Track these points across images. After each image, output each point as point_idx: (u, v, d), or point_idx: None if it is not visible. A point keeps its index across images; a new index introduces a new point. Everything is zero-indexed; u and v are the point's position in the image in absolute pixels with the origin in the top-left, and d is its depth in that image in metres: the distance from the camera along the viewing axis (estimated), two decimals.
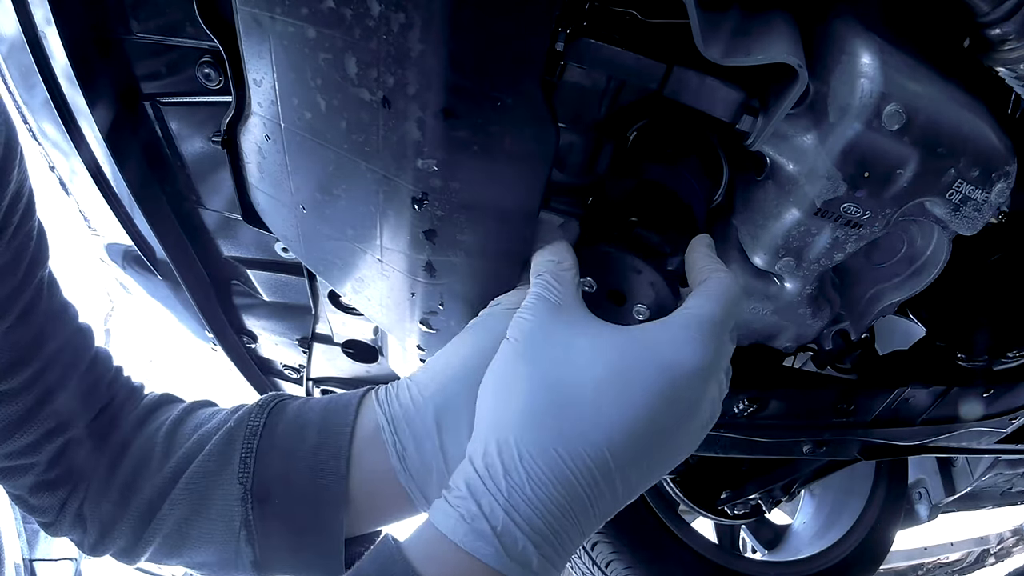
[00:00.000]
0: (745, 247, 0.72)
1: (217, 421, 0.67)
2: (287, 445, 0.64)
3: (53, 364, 0.63)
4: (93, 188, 0.86)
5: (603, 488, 0.49)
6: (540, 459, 0.48)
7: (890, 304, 0.79)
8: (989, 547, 3.78)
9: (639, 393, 0.49)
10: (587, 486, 0.48)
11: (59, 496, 0.65)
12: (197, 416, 0.70)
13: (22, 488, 0.65)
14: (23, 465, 0.63)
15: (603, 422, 0.49)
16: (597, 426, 0.49)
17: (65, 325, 0.66)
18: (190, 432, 0.67)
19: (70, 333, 0.66)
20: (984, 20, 0.55)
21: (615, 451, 0.49)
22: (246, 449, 0.63)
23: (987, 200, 0.64)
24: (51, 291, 0.64)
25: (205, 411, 0.71)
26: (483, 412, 0.53)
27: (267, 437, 0.64)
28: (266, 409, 0.66)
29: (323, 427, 0.64)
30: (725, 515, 1.71)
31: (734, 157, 0.69)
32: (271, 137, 0.60)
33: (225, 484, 0.63)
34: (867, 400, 1.03)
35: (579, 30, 0.56)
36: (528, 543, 0.47)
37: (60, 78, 0.72)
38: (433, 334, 0.72)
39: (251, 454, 0.63)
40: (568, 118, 0.68)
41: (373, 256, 0.64)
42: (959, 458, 2.32)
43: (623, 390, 0.50)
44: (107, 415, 0.69)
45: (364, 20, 0.46)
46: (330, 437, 0.63)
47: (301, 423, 0.65)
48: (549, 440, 0.48)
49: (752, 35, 0.55)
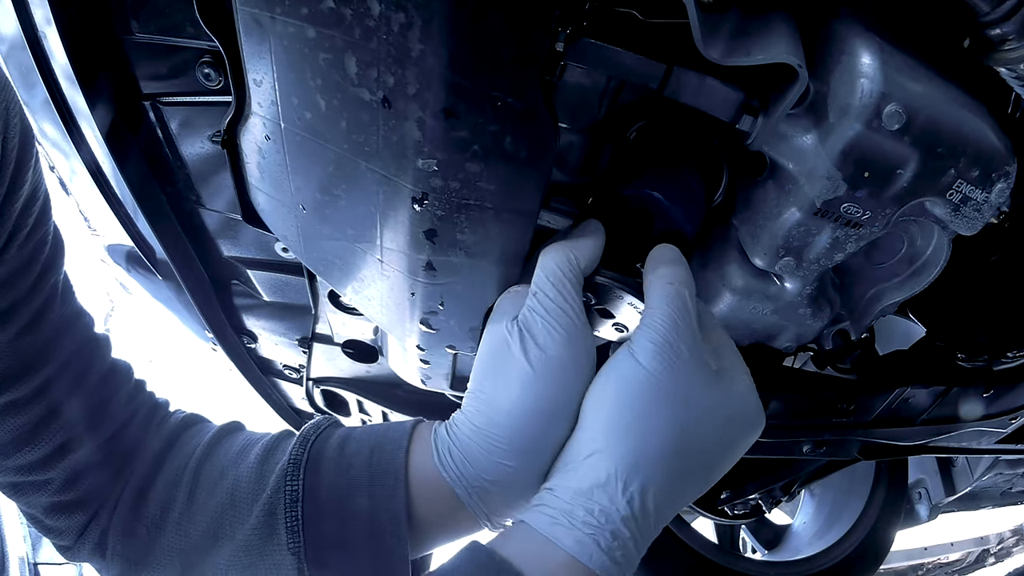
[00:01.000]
0: (745, 247, 0.72)
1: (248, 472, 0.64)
2: (336, 510, 0.62)
3: (63, 374, 0.61)
4: (93, 188, 0.86)
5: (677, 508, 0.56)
6: (674, 506, 0.54)
7: (890, 304, 0.79)
8: (989, 547, 3.78)
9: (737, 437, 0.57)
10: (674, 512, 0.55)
11: (77, 520, 0.63)
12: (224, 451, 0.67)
13: (37, 507, 0.63)
14: (36, 482, 0.62)
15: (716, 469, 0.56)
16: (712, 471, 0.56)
17: (77, 334, 0.64)
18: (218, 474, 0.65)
19: (82, 342, 0.64)
20: (984, 20, 0.55)
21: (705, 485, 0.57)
22: (291, 518, 0.61)
23: (987, 200, 0.64)
24: (65, 298, 0.63)
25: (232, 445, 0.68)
26: (617, 437, 0.53)
27: (311, 500, 0.62)
28: (300, 467, 0.63)
29: (372, 490, 0.62)
30: (725, 515, 1.71)
31: (734, 157, 0.69)
32: (271, 137, 0.60)
33: (275, 555, 0.61)
34: (867, 400, 1.03)
35: (579, 30, 0.56)
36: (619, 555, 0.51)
37: (60, 78, 0.72)
38: (433, 334, 0.72)
39: (297, 523, 0.61)
40: (568, 118, 0.68)
41: (373, 256, 0.64)
42: (959, 458, 2.32)
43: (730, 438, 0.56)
44: (129, 436, 0.67)
45: (364, 20, 0.46)
46: (383, 501, 0.62)
47: (347, 484, 0.63)
48: (684, 488, 0.54)
49: (752, 35, 0.55)
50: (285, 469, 0.63)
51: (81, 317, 0.65)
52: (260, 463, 0.65)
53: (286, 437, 0.67)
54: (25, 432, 0.59)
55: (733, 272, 0.75)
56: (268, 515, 0.61)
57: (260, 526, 0.61)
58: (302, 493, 0.61)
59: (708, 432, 0.54)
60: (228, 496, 0.63)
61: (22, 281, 0.57)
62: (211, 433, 0.69)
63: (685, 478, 0.53)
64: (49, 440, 0.60)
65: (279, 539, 0.61)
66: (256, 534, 0.61)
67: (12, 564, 1.31)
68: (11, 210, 0.54)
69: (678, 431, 0.53)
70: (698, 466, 0.54)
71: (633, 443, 0.52)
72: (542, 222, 0.75)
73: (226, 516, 0.62)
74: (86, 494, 0.63)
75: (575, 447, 0.55)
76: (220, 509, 0.63)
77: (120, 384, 0.68)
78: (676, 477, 0.53)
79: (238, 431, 0.71)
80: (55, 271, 0.61)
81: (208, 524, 0.62)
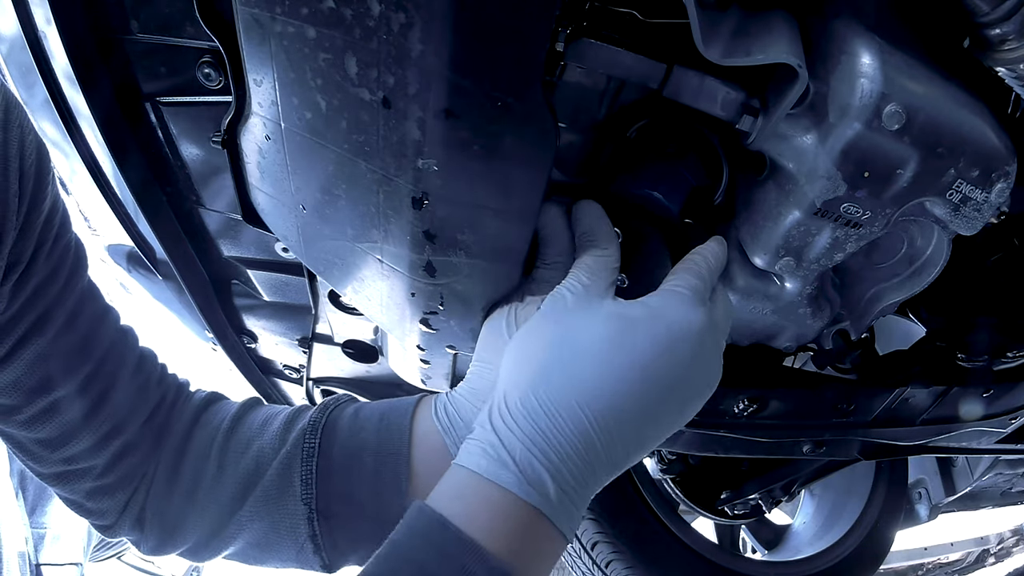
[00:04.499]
0: (745, 247, 0.72)
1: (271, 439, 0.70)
2: (345, 466, 0.68)
3: (103, 367, 0.66)
4: (93, 188, 0.86)
5: (615, 436, 0.52)
6: (556, 405, 0.52)
7: (890, 304, 0.79)
8: (989, 547, 3.78)
9: (645, 348, 0.54)
10: (599, 432, 0.52)
11: (119, 500, 0.68)
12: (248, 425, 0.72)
13: (79, 493, 0.67)
14: (81, 469, 0.66)
15: (613, 374, 0.53)
16: (608, 378, 0.53)
17: (109, 328, 0.68)
18: (244, 444, 0.70)
19: (115, 336, 0.68)
20: (984, 20, 0.55)
21: (625, 402, 0.53)
22: (306, 471, 0.67)
23: (987, 200, 0.64)
24: (92, 297, 0.67)
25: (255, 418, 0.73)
26: (507, 367, 0.57)
27: (324, 458, 0.68)
28: (318, 429, 0.69)
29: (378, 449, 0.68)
30: (725, 515, 1.71)
31: (734, 157, 0.69)
32: (271, 137, 0.60)
33: (290, 504, 0.67)
34: (867, 400, 1.03)
35: (579, 30, 0.56)
36: (545, 473, 0.50)
37: (60, 78, 0.72)
38: (433, 334, 0.72)
39: (312, 476, 0.67)
40: (568, 118, 0.68)
41: (373, 256, 0.64)
42: (959, 458, 2.32)
43: (631, 346, 0.54)
44: (159, 416, 0.71)
45: (364, 20, 0.46)
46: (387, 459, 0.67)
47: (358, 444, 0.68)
48: (565, 390, 0.52)
49: (752, 35, 0.55)
50: (304, 429, 0.69)
51: (109, 313, 0.69)
52: (283, 429, 0.70)
53: (306, 408, 0.73)
54: (71, 427, 0.64)
55: (733, 272, 0.75)
56: (286, 468, 0.67)
57: (278, 478, 0.67)
58: (318, 450, 0.67)
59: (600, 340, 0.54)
60: (254, 462, 0.69)
61: (52, 288, 0.61)
62: (235, 408, 0.74)
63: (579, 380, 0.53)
64: (94, 432, 0.65)
65: (294, 490, 0.66)
66: (274, 485, 0.67)
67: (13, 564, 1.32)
68: (35, 224, 0.58)
69: (563, 344, 0.55)
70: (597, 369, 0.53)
71: (522, 363, 0.55)
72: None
73: (252, 478, 0.68)
74: (125, 476, 0.68)
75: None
76: (247, 474, 0.68)
77: (150, 371, 0.72)
78: (568, 381, 0.53)
79: (259, 405, 0.76)
80: (81, 274, 0.65)
81: (236, 488, 0.68)
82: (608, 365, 0.53)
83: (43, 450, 0.64)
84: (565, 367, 0.54)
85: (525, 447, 0.50)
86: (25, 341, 0.60)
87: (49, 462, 0.65)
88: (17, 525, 1.57)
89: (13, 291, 0.58)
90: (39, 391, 0.61)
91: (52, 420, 0.63)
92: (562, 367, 0.54)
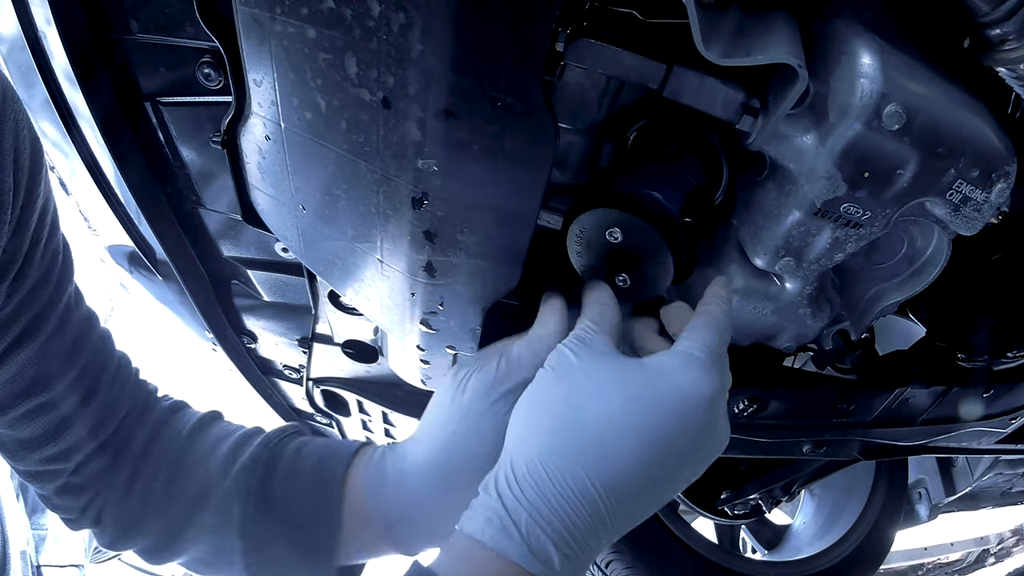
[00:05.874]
0: (745, 247, 0.72)
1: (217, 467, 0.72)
2: (282, 507, 0.70)
3: (87, 371, 0.67)
4: (93, 188, 0.86)
5: (622, 504, 0.52)
6: (564, 474, 0.51)
7: (890, 304, 0.79)
8: (989, 547, 3.78)
9: (657, 418, 0.53)
10: (607, 501, 0.51)
11: (82, 500, 0.70)
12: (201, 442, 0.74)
13: (49, 489, 0.69)
14: (56, 470, 0.68)
15: (624, 444, 0.52)
16: (618, 448, 0.52)
17: (93, 333, 0.69)
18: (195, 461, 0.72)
19: (98, 341, 0.69)
20: (984, 20, 0.55)
21: (635, 472, 0.52)
22: (241, 511, 0.69)
23: (987, 200, 0.64)
24: (79, 302, 0.68)
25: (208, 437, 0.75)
26: (514, 432, 0.56)
27: (262, 499, 0.70)
28: (257, 467, 0.71)
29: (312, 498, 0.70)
30: (725, 515, 1.71)
31: (734, 157, 0.69)
32: (271, 137, 0.60)
33: (229, 537, 0.70)
34: (867, 400, 1.03)
35: (579, 30, 0.56)
36: (550, 544, 0.49)
37: (60, 78, 0.72)
38: (433, 334, 0.72)
39: (248, 514, 0.69)
40: (568, 118, 0.67)
41: (373, 256, 0.64)
42: (959, 458, 2.32)
43: (642, 415, 0.53)
44: (129, 421, 0.72)
45: (364, 20, 0.46)
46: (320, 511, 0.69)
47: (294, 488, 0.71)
48: (574, 460, 0.52)
49: (752, 35, 0.55)
50: (245, 464, 0.71)
51: (91, 318, 0.70)
52: (228, 459, 0.72)
53: (254, 436, 0.75)
54: (53, 429, 0.65)
55: (733, 272, 0.75)
56: (227, 500, 0.70)
57: (218, 511, 0.70)
58: (256, 490, 0.70)
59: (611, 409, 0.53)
60: (201, 486, 0.71)
61: (45, 291, 0.61)
62: (192, 423, 0.76)
63: (589, 449, 0.52)
64: (73, 433, 0.66)
65: (233, 523, 0.69)
66: (216, 514, 0.70)
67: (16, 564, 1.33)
68: (31, 220, 0.58)
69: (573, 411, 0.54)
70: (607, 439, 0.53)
71: (530, 430, 0.55)
72: (542, 222, 0.75)
73: (198, 503, 0.70)
74: (92, 476, 0.69)
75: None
76: (195, 496, 0.70)
77: (126, 376, 0.74)
78: (578, 450, 0.52)
79: (216, 421, 0.78)
80: (70, 276, 0.66)
81: (186, 506, 0.70)
82: (619, 435, 0.52)
83: (23, 449, 0.66)
84: (574, 436, 0.53)
85: (531, 516, 0.50)
86: (20, 343, 0.60)
87: (27, 461, 0.67)
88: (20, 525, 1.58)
89: (9, 290, 0.58)
90: (27, 394, 0.62)
91: (35, 421, 0.64)
92: (570, 435, 0.53)
